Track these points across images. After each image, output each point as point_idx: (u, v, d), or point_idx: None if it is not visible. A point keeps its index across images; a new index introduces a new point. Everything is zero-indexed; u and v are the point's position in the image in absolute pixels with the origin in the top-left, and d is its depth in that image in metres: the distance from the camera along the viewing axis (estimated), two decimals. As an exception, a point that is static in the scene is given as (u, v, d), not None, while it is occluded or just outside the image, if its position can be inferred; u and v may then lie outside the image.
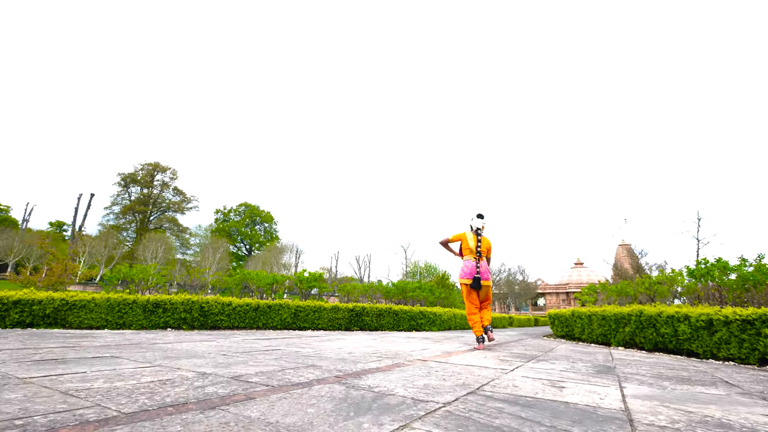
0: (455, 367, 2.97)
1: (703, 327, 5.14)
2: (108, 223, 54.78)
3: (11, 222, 50.82)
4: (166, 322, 7.33)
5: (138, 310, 7.20)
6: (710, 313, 5.02)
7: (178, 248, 55.10)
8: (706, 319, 5.07)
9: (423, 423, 1.38)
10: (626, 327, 6.63)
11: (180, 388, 1.76)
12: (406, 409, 1.57)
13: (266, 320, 8.29)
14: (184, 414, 1.33)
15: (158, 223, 58.44)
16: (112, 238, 42.26)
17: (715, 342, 5.01)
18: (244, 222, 64.15)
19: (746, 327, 4.60)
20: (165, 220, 59.06)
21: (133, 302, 7.20)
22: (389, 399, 1.74)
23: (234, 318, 7.92)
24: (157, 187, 59.91)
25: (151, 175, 59.84)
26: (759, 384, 2.87)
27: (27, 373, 2.01)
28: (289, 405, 1.53)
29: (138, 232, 55.46)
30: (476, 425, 1.38)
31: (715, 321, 4.96)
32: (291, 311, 8.59)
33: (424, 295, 12.61)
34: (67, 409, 1.35)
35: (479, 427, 1.35)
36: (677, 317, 5.56)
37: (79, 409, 1.35)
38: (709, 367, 4.16)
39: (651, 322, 6.08)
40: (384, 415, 1.45)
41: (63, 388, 1.68)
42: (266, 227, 66.71)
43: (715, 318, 4.94)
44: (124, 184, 58.59)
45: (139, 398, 1.52)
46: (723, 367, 4.25)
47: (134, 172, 59.03)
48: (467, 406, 1.66)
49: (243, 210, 65.18)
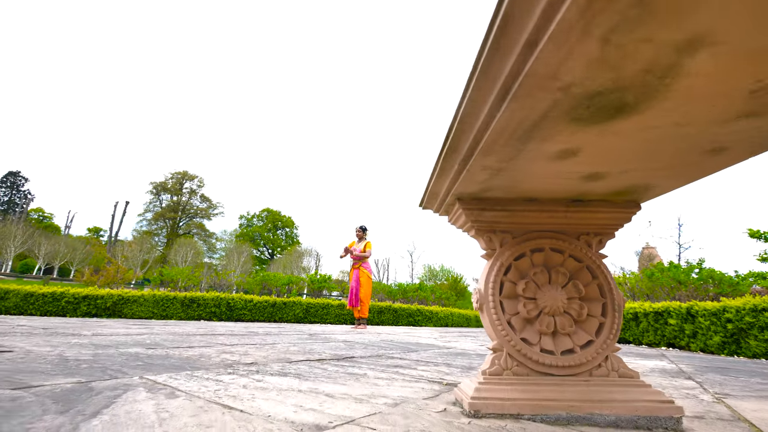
0: (407, 336, 4.26)
1: (632, 318, 6.19)
2: (141, 229, 58.29)
3: (54, 228, 54.94)
4: (199, 314, 8.87)
5: (177, 304, 8.77)
6: (635, 306, 6.08)
7: (206, 252, 57.96)
8: (633, 312, 6.13)
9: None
10: (586, 321, 7.68)
11: (298, 354, 3.13)
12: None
13: (282, 315, 9.72)
14: (325, 361, 2.68)
15: (187, 229, 61.68)
16: (146, 243, 45.26)
17: (641, 330, 6.06)
18: (267, 227, 66.60)
19: (658, 317, 5.66)
20: (193, 225, 62.27)
21: (173, 298, 8.77)
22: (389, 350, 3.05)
23: (255, 312, 9.39)
24: (186, 195, 63.28)
25: (180, 183, 63.26)
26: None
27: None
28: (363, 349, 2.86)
29: (168, 237, 58.73)
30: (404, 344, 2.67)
31: (639, 313, 6.02)
32: (303, 307, 10.00)
33: (425, 295, 13.82)
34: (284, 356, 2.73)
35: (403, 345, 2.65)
36: (619, 312, 6.62)
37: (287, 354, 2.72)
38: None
39: (602, 316, 7.14)
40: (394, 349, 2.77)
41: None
42: (287, 232, 68.99)
43: (639, 311, 6.00)
44: (156, 192, 62.18)
45: (297, 355, 2.89)
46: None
47: (165, 181, 62.59)
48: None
49: (265, 215, 67.68)
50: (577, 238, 1.32)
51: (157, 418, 0.92)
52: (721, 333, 4.65)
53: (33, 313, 8.37)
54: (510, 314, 1.25)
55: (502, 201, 1.27)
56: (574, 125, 0.78)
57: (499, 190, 1.20)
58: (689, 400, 1.52)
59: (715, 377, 2.36)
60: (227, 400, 1.14)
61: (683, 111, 0.71)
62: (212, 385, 1.35)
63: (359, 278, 7.06)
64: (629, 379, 1.18)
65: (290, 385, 1.42)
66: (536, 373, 1.19)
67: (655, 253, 41.62)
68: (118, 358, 1.86)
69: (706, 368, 2.86)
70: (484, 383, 1.16)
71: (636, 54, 0.57)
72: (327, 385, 1.47)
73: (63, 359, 1.75)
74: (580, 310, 1.24)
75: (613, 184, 1.11)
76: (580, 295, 1.26)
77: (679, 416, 1.08)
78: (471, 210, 1.29)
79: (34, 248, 38.99)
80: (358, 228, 7.37)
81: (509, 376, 1.18)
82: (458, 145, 0.96)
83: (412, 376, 1.80)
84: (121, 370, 1.53)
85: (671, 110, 0.71)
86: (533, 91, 0.66)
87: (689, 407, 1.36)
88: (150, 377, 1.42)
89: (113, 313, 8.41)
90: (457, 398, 1.26)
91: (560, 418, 1.09)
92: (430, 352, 3.01)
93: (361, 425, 0.96)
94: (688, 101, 0.68)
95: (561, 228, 1.31)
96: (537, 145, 0.87)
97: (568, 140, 0.85)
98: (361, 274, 7.11)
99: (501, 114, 0.74)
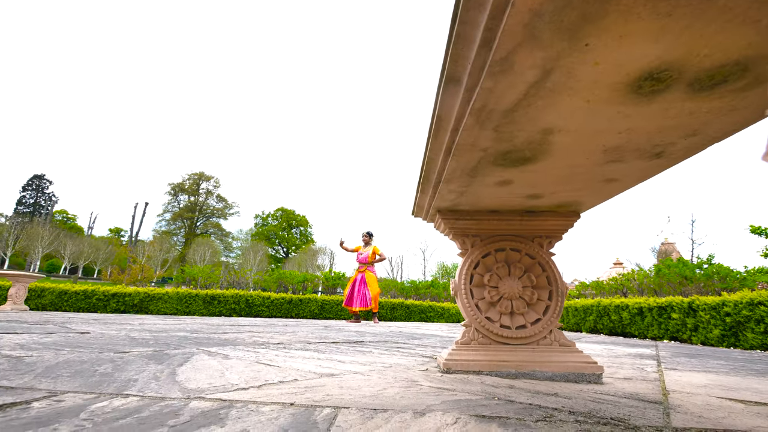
0: (412, 329, 4.66)
1: (637, 313, 6.45)
2: (161, 229, 59.99)
3: (78, 229, 56.98)
4: (220, 311, 9.43)
5: (199, 301, 9.34)
6: (641, 302, 6.34)
7: (223, 251, 59.32)
8: (638, 307, 6.39)
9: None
10: (590, 316, 7.94)
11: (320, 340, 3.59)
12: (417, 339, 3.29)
13: (298, 311, 10.22)
14: (340, 344, 3.13)
15: (204, 228, 63.22)
16: (165, 243, 46.70)
17: (645, 325, 6.32)
18: (281, 226, 67.66)
19: (661, 312, 5.91)
20: (210, 225, 63.79)
21: (195, 295, 9.34)
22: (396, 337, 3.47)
23: (272, 309, 9.91)
24: (203, 195, 64.82)
25: (197, 184, 64.81)
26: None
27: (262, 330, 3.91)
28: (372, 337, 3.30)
29: (186, 237, 60.32)
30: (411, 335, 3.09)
31: (644, 308, 6.28)
32: (318, 304, 10.48)
33: (437, 292, 14.19)
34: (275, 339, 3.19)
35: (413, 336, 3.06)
36: (621, 306, 6.87)
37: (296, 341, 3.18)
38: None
39: (606, 311, 7.39)
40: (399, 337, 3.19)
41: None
42: (302, 230, 69.92)
43: (644, 306, 6.26)
44: (174, 193, 63.86)
45: (314, 340, 3.34)
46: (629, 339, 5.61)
47: (182, 182, 64.21)
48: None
49: (280, 215, 68.74)
50: (531, 240, 1.69)
51: (222, 367, 1.34)
52: (720, 326, 4.90)
53: (67, 310, 9.04)
54: (477, 299, 1.64)
55: (471, 212, 1.66)
56: (501, 168, 1.17)
57: (467, 205, 1.59)
58: (633, 371, 1.88)
59: (681, 360, 2.69)
60: (266, 361, 1.57)
61: (567, 160, 1.10)
62: (252, 354, 1.78)
63: (366, 279, 7.54)
64: (566, 348, 1.56)
65: (311, 356, 1.84)
66: (496, 342, 1.58)
67: (673, 249, 41.07)
68: (173, 339, 2.31)
69: (682, 354, 3.19)
70: (456, 350, 1.56)
71: (518, 135, 0.96)
72: (340, 356, 1.89)
73: (132, 338, 2.21)
74: (532, 296, 1.62)
75: (550, 200, 1.49)
76: (533, 284, 1.64)
77: (600, 373, 1.46)
78: (448, 219, 1.68)
79: (60, 249, 40.70)
80: (365, 234, 7.85)
81: (475, 345, 1.58)
82: (429, 176, 1.36)
83: (409, 353, 2.21)
84: (181, 345, 1.97)
85: (559, 159, 1.09)
86: (464, 152, 1.06)
87: (626, 374, 1.73)
88: (204, 348, 1.85)
89: (140, 310, 9.03)
90: (438, 363, 1.66)
91: (510, 373, 1.48)
92: (432, 339, 3.40)
93: (363, 374, 1.36)
94: (566, 156, 1.06)
95: (518, 232, 1.69)
96: (482, 178, 1.26)
97: (501, 176, 1.23)
98: (368, 276, 7.59)
99: (449, 162, 1.14)
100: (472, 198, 1.49)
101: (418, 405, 0.93)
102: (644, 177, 1.26)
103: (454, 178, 1.28)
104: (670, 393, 1.28)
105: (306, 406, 0.86)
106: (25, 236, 39.14)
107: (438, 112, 0.94)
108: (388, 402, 0.95)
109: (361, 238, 7.93)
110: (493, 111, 0.85)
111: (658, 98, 0.79)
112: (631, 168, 1.15)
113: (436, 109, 0.94)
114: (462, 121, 0.91)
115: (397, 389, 1.12)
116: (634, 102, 0.81)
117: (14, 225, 40.01)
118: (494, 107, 0.83)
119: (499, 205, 1.58)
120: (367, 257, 7.68)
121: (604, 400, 1.10)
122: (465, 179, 1.28)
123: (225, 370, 1.28)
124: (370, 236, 7.89)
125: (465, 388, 1.17)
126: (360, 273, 7.70)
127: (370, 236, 7.88)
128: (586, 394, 1.20)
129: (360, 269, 7.76)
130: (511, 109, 0.84)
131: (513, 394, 1.13)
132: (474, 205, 1.58)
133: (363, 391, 1.06)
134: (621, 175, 1.22)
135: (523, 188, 1.35)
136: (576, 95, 0.79)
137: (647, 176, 1.25)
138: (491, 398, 1.04)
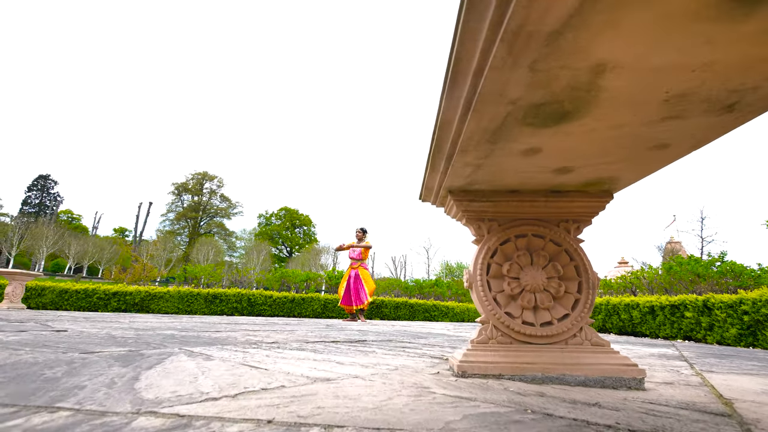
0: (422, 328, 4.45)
1: (648, 312, 6.21)
2: (164, 229, 60.05)
3: (82, 229, 57.17)
4: (221, 310, 9.25)
5: (201, 300, 9.17)
6: (652, 300, 6.09)
7: (226, 251, 59.32)
8: (650, 306, 6.14)
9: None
10: (599, 315, 7.69)
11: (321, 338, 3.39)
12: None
13: (300, 310, 10.03)
14: (343, 342, 2.93)
15: (208, 228, 63.26)
16: (169, 242, 46.71)
17: (657, 324, 6.07)
18: (285, 225, 67.58)
19: (674, 311, 5.67)
20: (213, 225, 63.83)
21: (197, 294, 9.17)
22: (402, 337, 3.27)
23: (274, 307, 9.72)
24: (206, 195, 64.84)
25: (200, 184, 64.85)
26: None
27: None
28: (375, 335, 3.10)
29: (190, 237, 60.37)
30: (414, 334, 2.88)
31: (656, 307, 6.03)
32: (321, 303, 10.28)
33: (441, 291, 13.96)
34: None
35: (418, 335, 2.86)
36: (631, 305, 6.63)
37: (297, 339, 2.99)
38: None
39: (616, 309, 7.15)
40: (401, 335, 2.99)
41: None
42: (305, 230, 69.81)
43: (656, 304, 6.01)
44: (177, 193, 63.95)
45: (313, 338, 3.15)
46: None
47: (185, 182, 64.27)
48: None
49: (283, 214, 68.67)
50: (557, 225, 1.48)
51: (198, 370, 1.14)
52: (737, 325, 4.66)
53: (67, 309, 8.90)
54: (496, 292, 1.43)
55: (488, 193, 1.45)
56: (530, 129, 0.96)
57: (483, 183, 1.38)
58: (669, 373, 1.66)
59: (711, 360, 2.47)
60: (253, 363, 1.36)
61: (613, 116, 0.88)
62: (240, 354, 1.58)
63: (360, 276, 7.36)
64: (600, 347, 1.34)
65: (306, 356, 1.63)
66: (518, 341, 1.37)
67: (679, 247, 40.58)
68: (157, 337, 2.12)
69: (709, 354, 2.96)
70: (472, 350, 1.35)
71: (560, 75, 0.75)
72: (339, 356, 1.68)
73: (111, 337, 2.02)
74: (558, 288, 1.41)
75: (581, 176, 1.28)
76: (559, 274, 1.42)
77: (642, 377, 1.24)
78: (461, 201, 1.47)
79: (65, 248, 40.75)
80: (359, 230, 7.68)
81: (494, 344, 1.37)
82: (442, 146, 1.15)
83: (416, 353, 2.00)
84: (162, 344, 1.78)
85: (604, 115, 0.88)
86: (489, 104, 0.85)
87: (665, 378, 1.51)
88: (187, 348, 1.66)
89: (141, 309, 8.87)
90: (450, 365, 1.45)
91: (536, 378, 1.27)
92: (439, 338, 3.20)
93: (364, 379, 1.16)
94: (614, 109, 0.85)
95: (542, 216, 1.48)
96: (504, 145, 1.05)
97: (528, 141, 1.02)
98: (362, 273, 7.42)
99: (468, 122, 0.93)
100: (490, 174, 1.28)
101: (434, 421, 0.72)
102: (701, 142, 1.04)
103: (471, 147, 1.07)
104: (733, 402, 1.06)
105: (287, 425, 0.66)
106: (30, 236, 39.24)
107: (457, 47, 0.73)
108: (394, 417, 0.74)
109: (355, 234, 7.75)
110: (533, 35, 0.64)
111: (761, 10, 0.58)
112: (691, 127, 0.94)
113: (455, 43, 0.73)
114: (489, 56, 0.70)
115: (405, 398, 0.91)
116: (728, 17, 0.60)
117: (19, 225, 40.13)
118: (535, 28, 0.62)
119: (521, 183, 1.36)
120: (360, 253, 7.53)
121: (661, 413, 0.89)
122: (484, 147, 1.07)
123: (200, 374, 1.08)
124: (364, 232, 7.71)
125: (487, 397, 0.96)
126: (353, 269, 7.55)
127: (363, 232, 7.70)
128: (633, 403, 0.99)
129: (353, 265, 7.60)
130: (558, 31, 0.63)
131: (547, 404, 0.92)
132: (492, 183, 1.37)
133: (363, 402, 0.86)
134: (675, 139, 1.01)
135: (552, 159, 1.14)
136: (649, 7, 0.58)
137: (706, 140, 1.03)
138: (523, 410, 0.84)
